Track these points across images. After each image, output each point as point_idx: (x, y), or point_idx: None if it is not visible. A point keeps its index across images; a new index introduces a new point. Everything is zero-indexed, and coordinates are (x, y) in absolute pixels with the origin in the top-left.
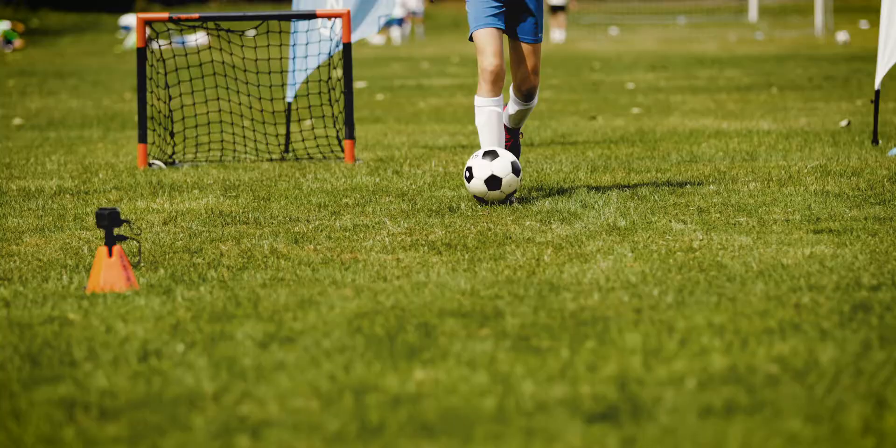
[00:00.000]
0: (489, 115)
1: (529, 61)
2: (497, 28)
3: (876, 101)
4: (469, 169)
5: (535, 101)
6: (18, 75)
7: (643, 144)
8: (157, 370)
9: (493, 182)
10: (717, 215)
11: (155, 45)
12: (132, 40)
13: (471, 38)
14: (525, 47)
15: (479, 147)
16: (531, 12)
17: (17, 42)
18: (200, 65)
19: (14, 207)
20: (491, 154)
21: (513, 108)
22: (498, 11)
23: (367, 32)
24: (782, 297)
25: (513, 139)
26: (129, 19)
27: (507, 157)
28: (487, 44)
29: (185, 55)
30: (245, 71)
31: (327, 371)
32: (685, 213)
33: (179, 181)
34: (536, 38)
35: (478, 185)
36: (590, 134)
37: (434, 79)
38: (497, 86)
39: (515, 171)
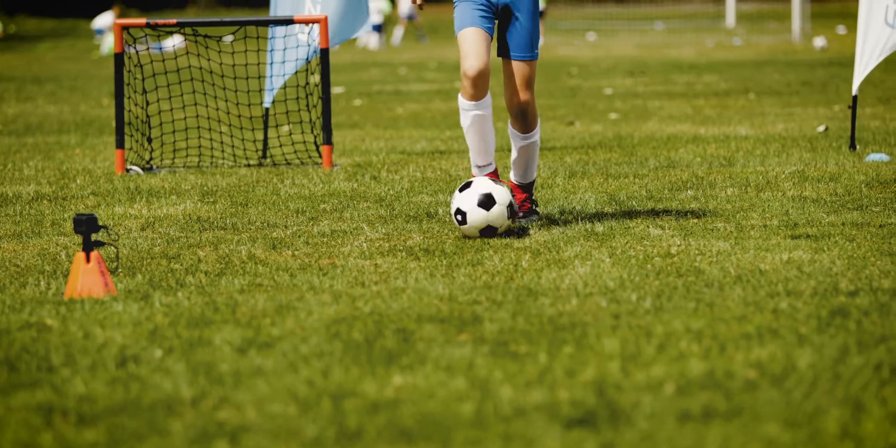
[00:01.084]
0: (473, 119)
1: (522, 78)
2: (483, 29)
3: (853, 107)
4: (462, 213)
5: (536, 133)
6: None
7: (621, 150)
8: (135, 376)
9: (488, 231)
10: (695, 221)
11: (132, 50)
12: (109, 43)
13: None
14: (518, 65)
15: (458, 153)
16: (524, 26)
17: None
18: (178, 70)
19: None
20: (487, 200)
21: (514, 149)
22: (486, 14)
23: (344, 38)
24: (760, 303)
25: (528, 202)
26: (103, 20)
27: (502, 203)
28: (471, 44)
29: (163, 61)
30: (223, 76)
31: (305, 376)
32: (663, 219)
33: (157, 187)
34: (532, 54)
35: (471, 231)
36: (567, 139)
37: (412, 84)
38: (481, 90)
39: (512, 215)
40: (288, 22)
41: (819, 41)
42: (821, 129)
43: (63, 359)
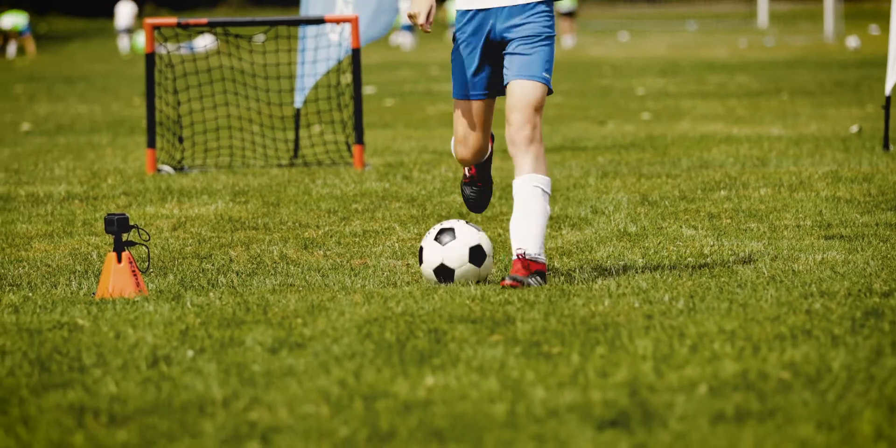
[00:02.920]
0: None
1: (525, 102)
2: (482, 100)
3: (887, 107)
4: (420, 249)
5: (544, 182)
6: (27, 81)
7: (653, 150)
8: (166, 376)
9: (443, 272)
10: (728, 221)
11: (162, 50)
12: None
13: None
14: (520, 86)
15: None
16: (534, 50)
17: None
18: (209, 70)
19: (23, 213)
20: (448, 233)
21: (515, 204)
22: (485, 65)
23: (373, 37)
24: (794, 303)
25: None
26: (124, 17)
27: (465, 239)
28: (467, 123)
29: (194, 60)
30: (254, 76)
31: (337, 377)
32: (696, 219)
33: (188, 187)
34: (539, 76)
35: (427, 272)
36: (600, 139)
37: (443, 84)
38: (473, 164)
39: (476, 258)
40: (319, 22)
41: (852, 41)
42: (854, 129)
43: (94, 359)
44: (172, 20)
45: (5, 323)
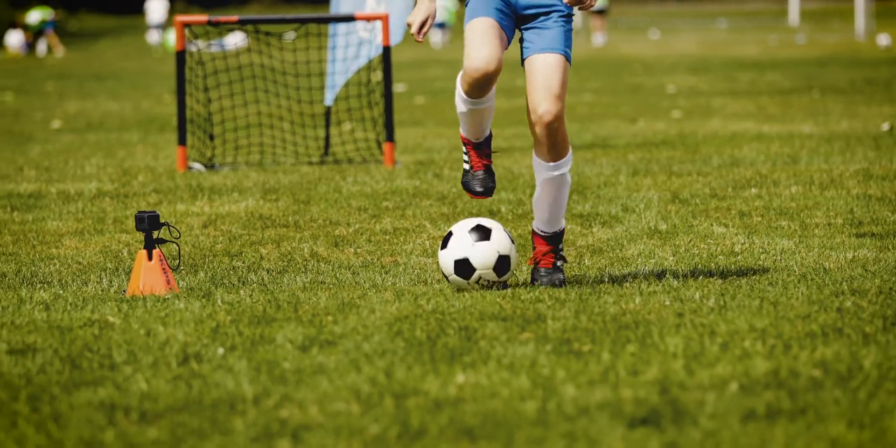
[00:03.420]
0: (472, 111)
1: (547, 78)
2: (497, 21)
3: None
4: (448, 235)
5: (567, 164)
6: (57, 78)
7: (684, 148)
8: (197, 373)
9: (463, 267)
10: (759, 219)
11: (193, 48)
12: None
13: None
14: (543, 60)
15: (520, 150)
16: (554, 25)
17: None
18: (240, 68)
19: (53, 210)
20: (483, 231)
21: (538, 185)
22: (504, 11)
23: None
24: (825, 301)
25: (551, 256)
26: (156, 12)
27: (498, 245)
28: (480, 35)
29: (225, 58)
30: (284, 74)
31: (368, 375)
32: (727, 217)
33: (219, 184)
34: (562, 49)
35: (446, 260)
36: (630, 137)
37: None
38: (484, 91)
39: (500, 268)
40: (349, 19)
41: (883, 39)
42: (885, 127)
43: (125, 356)
44: (203, 18)
45: (36, 320)
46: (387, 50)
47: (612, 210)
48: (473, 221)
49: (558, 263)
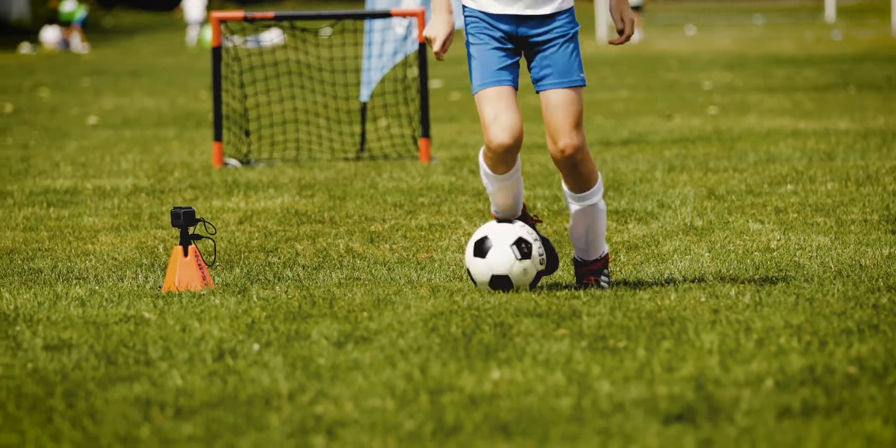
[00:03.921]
0: (500, 186)
1: (565, 112)
2: (509, 85)
3: None
4: (466, 271)
5: (598, 193)
6: (93, 74)
7: (720, 144)
8: (232, 369)
9: (500, 281)
10: (795, 215)
11: (229, 43)
12: (199, 35)
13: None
14: (558, 95)
15: None
16: (563, 49)
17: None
18: (276, 64)
19: (90, 206)
20: (484, 241)
21: (572, 213)
22: (508, 59)
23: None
24: (861, 298)
25: (592, 277)
26: (195, 9)
27: (504, 239)
28: (495, 105)
29: (261, 54)
30: (320, 70)
31: (403, 371)
32: (763, 213)
33: (255, 180)
34: (576, 78)
35: (484, 288)
36: (666, 133)
37: None
38: (510, 164)
39: (523, 252)
40: (385, 15)
41: None
42: None
43: (161, 352)
44: (239, 14)
45: (72, 316)
46: (423, 46)
47: (647, 206)
48: (512, 231)
49: (602, 282)
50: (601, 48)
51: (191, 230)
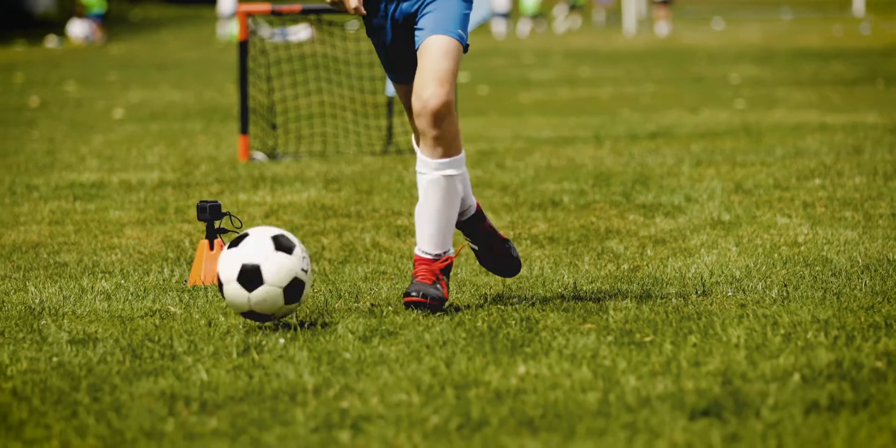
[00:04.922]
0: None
1: (438, 61)
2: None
3: None
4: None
5: (459, 161)
6: (120, 68)
7: (747, 138)
8: (257, 364)
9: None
10: (823, 209)
11: (266, 33)
12: (232, 30)
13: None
14: (431, 43)
15: (583, 141)
16: (443, 7)
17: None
18: (302, 57)
19: (116, 200)
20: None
21: (423, 189)
22: (404, 45)
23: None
24: (889, 293)
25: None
26: (228, 3)
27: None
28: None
29: (288, 48)
30: (347, 64)
31: (429, 365)
32: (790, 208)
33: (281, 174)
34: (451, 31)
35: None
36: (693, 127)
37: (537, 72)
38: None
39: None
40: None
41: None
42: None
43: (186, 346)
44: (266, 7)
45: (98, 310)
46: None
47: (674, 200)
48: (274, 230)
49: (438, 285)
50: (628, 42)
51: (217, 224)
